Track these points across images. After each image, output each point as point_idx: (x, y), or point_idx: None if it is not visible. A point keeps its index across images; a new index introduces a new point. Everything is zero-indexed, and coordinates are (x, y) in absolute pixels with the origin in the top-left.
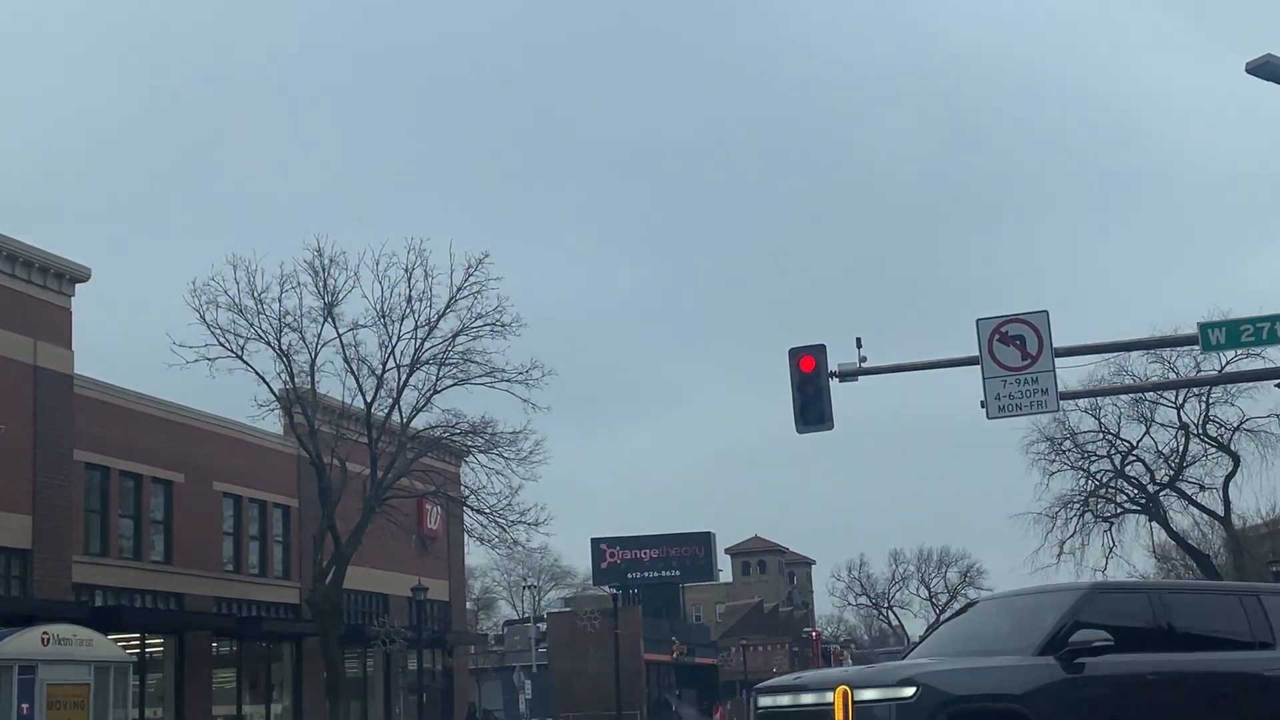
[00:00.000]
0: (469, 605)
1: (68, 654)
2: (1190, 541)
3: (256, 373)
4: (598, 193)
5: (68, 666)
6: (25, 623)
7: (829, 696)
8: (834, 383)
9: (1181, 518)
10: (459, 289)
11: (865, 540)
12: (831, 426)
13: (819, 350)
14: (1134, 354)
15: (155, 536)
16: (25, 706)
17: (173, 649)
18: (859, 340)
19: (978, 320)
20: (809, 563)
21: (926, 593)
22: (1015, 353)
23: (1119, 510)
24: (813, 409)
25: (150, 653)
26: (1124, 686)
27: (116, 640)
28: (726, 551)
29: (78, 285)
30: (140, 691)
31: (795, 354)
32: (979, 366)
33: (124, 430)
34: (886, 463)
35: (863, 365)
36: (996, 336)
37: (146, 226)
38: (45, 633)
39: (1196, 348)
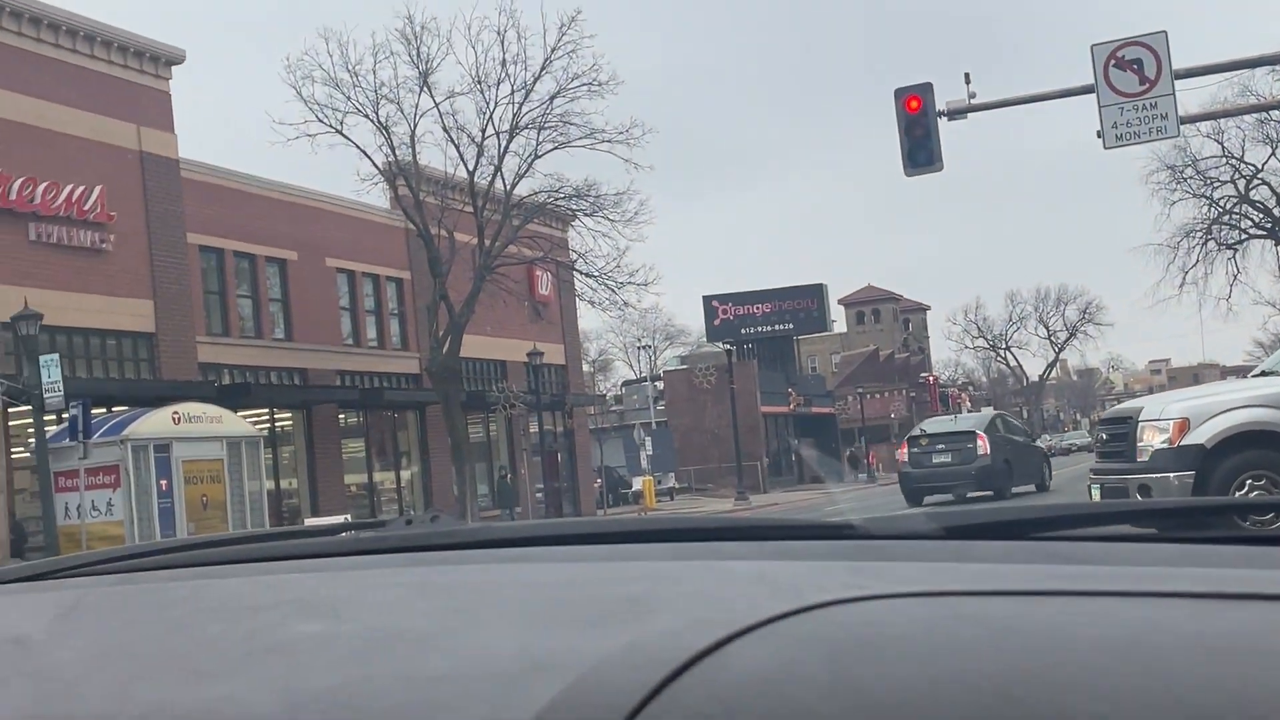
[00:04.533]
0: (586, 368)
1: (199, 431)
2: None
3: (357, 146)
4: None
5: (200, 443)
6: (156, 404)
7: None
8: (943, 122)
9: None
10: (553, 49)
11: (981, 283)
12: (941, 167)
13: (925, 89)
14: (1258, 71)
15: (274, 314)
16: (164, 483)
17: (301, 422)
18: (967, 76)
19: (1092, 46)
20: (924, 309)
21: (1045, 332)
22: (1132, 78)
23: (1244, 236)
24: (921, 150)
25: (280, 426)
26: None
27: (245, 416)
28: (840, 302)
29: (173, 68)
30: (274, 464)
31: (901, 94)
32: (1094, 95)
33: (234, 211)
34: (1000, 203)
35: (972, 102)
36: (1112, 62)
37: (231, 5)
38: (176, 412)
39: None
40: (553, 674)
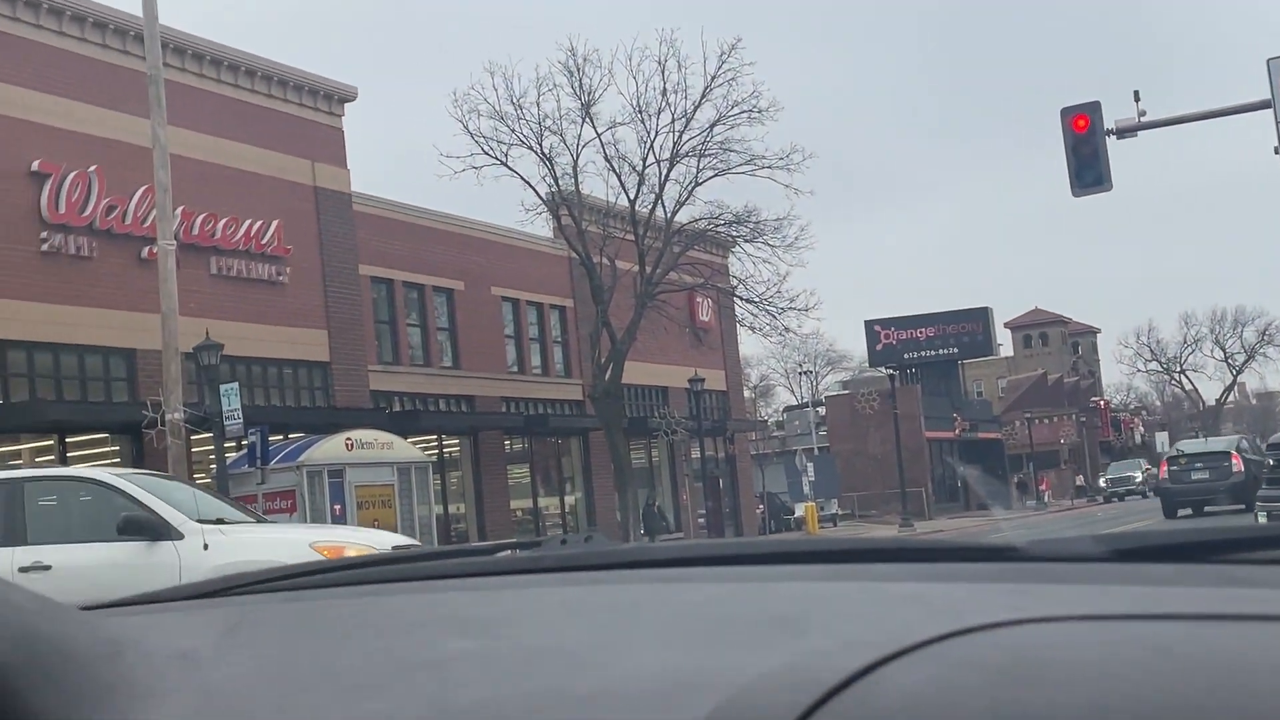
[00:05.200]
0: (747, 394)
1: (371, 457)
2: None
3: (522, 178)
4: None
5: (372, 469)
6: (329, 430)
7: None
8: (1111, 141)
9: None
10: (713, 78)
11: (1153, 304)
12: (1110, 187)
13: (1093, 107)
14: None
15: (442, 343)
16: (338, 507)
17: (468, 448)
18: (1136, 94)
19: (1268, 60)
20: (1094, 331)
21: (1222, 354)
22: None
23: None
24: (1089, 170)
25: (448, 452)
26: None
27: (415, 443)
28: (1005, 325)
29: (346, 105)
30: (442, 489)
31: (1067, 114)
32: (1271, 110)
33: (403, 243)
34: (1172, 222)
35: (1142, 120)
36: None
37: (400, 41)
38: (349, 438)
39: None
40: (704, 693)
